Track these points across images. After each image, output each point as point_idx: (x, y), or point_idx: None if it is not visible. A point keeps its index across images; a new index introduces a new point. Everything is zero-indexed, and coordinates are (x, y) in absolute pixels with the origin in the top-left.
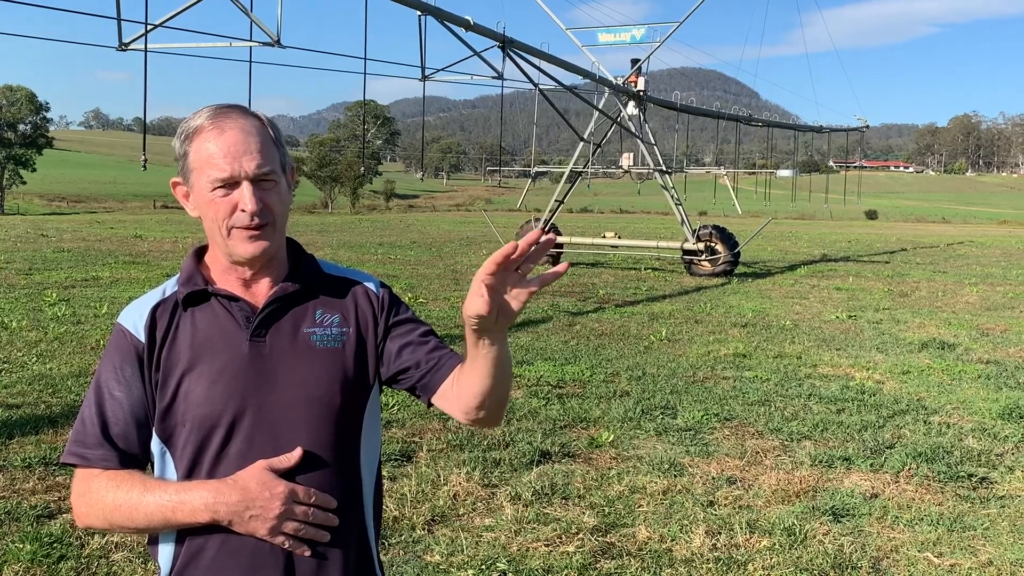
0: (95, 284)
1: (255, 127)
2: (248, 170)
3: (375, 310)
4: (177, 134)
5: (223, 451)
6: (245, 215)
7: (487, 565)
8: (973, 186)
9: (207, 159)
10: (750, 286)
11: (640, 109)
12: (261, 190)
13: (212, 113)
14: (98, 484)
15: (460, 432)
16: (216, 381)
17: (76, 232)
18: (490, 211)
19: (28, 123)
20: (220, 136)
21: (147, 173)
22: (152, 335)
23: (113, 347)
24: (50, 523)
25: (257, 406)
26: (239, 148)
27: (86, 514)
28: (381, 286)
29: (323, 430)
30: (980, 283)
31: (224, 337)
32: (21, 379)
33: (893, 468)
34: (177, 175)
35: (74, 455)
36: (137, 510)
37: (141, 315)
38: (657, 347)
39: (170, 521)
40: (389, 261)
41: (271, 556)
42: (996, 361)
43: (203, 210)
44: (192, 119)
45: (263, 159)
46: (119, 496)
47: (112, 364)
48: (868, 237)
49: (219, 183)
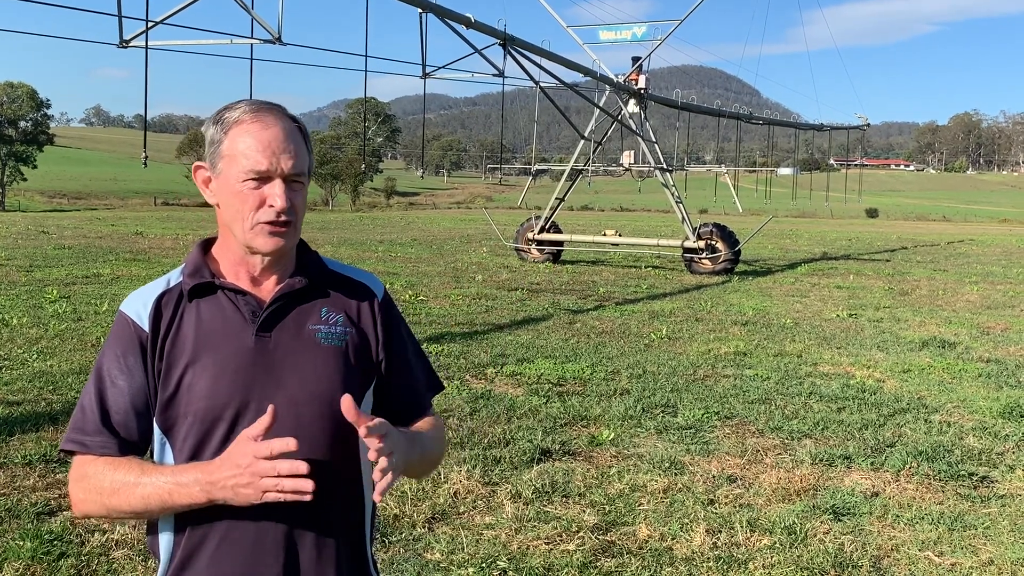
0: (96, 281)
1: (295, 129)
2: (284, 168)
3: (377, 314)
4: (213, 120)
5: (225, 444)
6: (273, 211)
7: (487, 563)
8: (974, 184)
9: (244, 150)
10: (751, 284)
11: (641, 107)
12: (291, 190)
13: (256, 107)
14: (95, 468)
15: (460, 430)
16: (221, 374)
17: (77, 229)
18: (491, 209)
19: (29, 120)
20: (263, 131)
21: (148, 170)
22: (156, 325)
23: (116, 335)
24: (50, 520)
25: (261, 401)
26: (279, 146)
27: (83, 500)
28: (384, 290)
29: (326, 427)
30: (981, 281)
31: (230, 330)
32: (22, 376)
33: (894, 467)
34: (204, 160)
35: (73, 442)
36: (134, 492)
37: (145, 304)
38: (658, 345)
39: (167, 503)
40: (390, 258)
41: (272, 548)
42: (997, 360)
43: (227, 199)
44: (232, 109)
45: (298, 160)
46: (117, 478)
47: (114, 352)
48: (869, 235)
49: (254, 175)
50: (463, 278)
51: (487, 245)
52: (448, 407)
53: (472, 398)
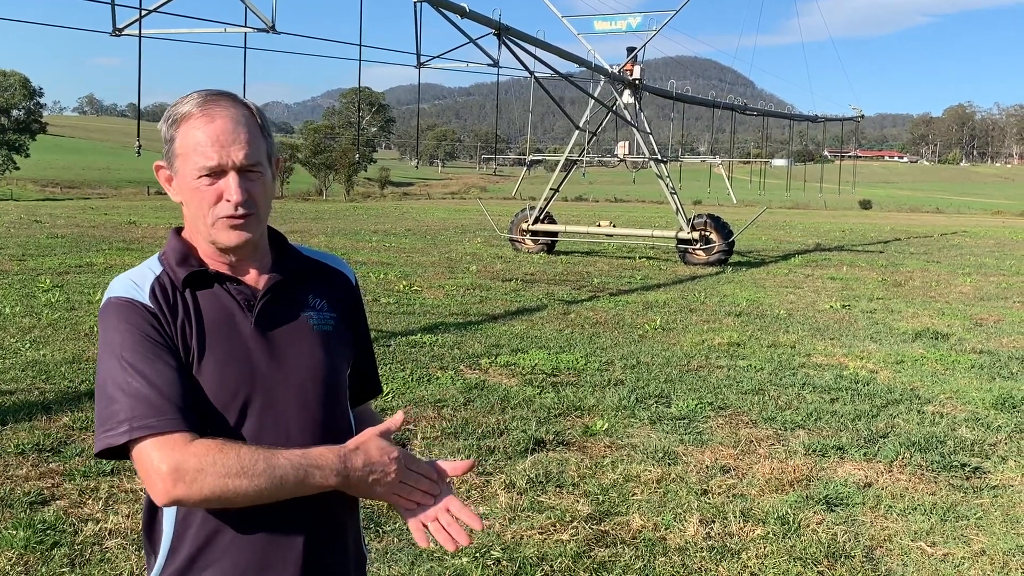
0: (89, 270)
1: (244, 116)
2: (236, 160)
3: (353, 301)
4: (164, 118)
5: (236, 433)
6: (230, 205)
7: (481, 553)
8: (967, 176)
9: (194, 146)
10: (744, 275)
11: (635, 97)
12: (247, 180)
13: (201, 100)
14: (205, 447)
15: (455, 420)
16: (226, 365)
17: (70, 218)
18: (485, 199)
19: (22, 108)
20: (209, 124)
21: (141, 159)
22: (160, 307)
23: (125, 320)
24: (43, 510)
25: (266, 388)
26: (227, 137)
27: (193, 480)
28: (354, 275)
29: (326, 410)
30: (974, 273)
31: (229, 320)
32: (14, 365)
33: (886, 457)
34: (162, 159)
35: (146, 427)
36: (273, 471)
37: (141, 288)
38: (651, 336)
39: (303, 483)
40: (384, 249)
41: (289, 534)
42: (989, 351)
43: (187, 197)
44: (180, 104)
45: (251, 150)
46: (245, 457)
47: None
48: (862, 227)
49: (206, 171)
50: (457, 268)
51: (481, 236)
52: (442, 397)
53: (466, 388)
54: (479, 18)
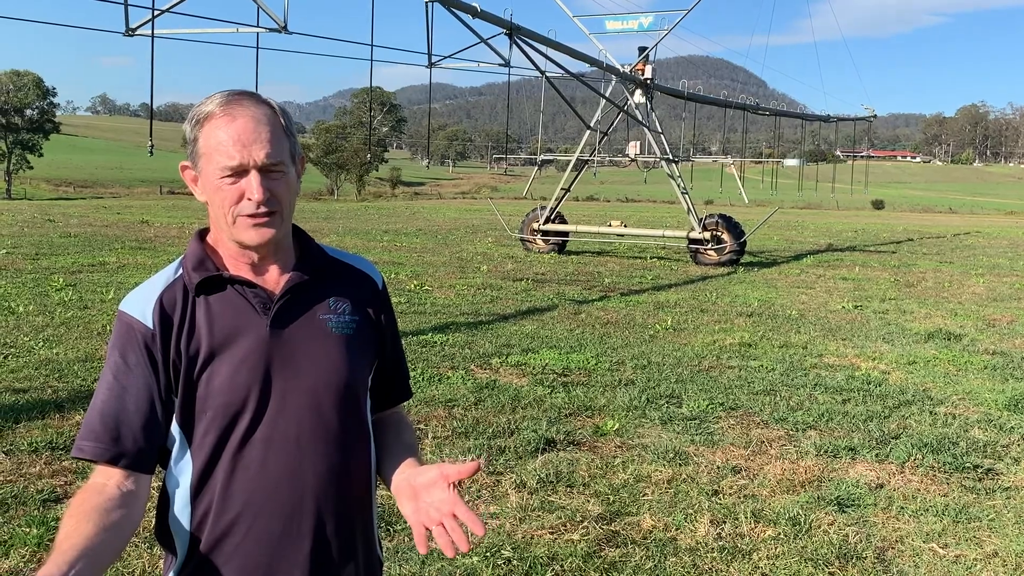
0: (102, 269)
1: (266, 115)
2: (257, 159)
3: (379, 304)
4: (188, 118)
5: (248, 437)
6: (251, 204)
7: (492, 552)
8: (980, 176)
9: (216, 146)
10: (756, 275)
11: (647, 97)
12: (269, 179)
13: (224, 99)
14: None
15: (465, 419)
16: (239, 368)
17: (83, 217)
18: (496, 199)
19: (35, 108)
20: (231, 123)
21: (153, 159)
22: (164, 322)
23: (116, 335)
24: (56, 507)
25: (280, 392)
26: (249, 136)
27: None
28: (382, 279)
29: (341, 414)
30: (987, 274)
31: (243, 324)
32: (28, 364)
33: (898, 459)
34: (186, 159)
35: (78, 450)
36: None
37: (148, 302)
38: (662, 336)
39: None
40: (395, 248)
41: (298, 532)
42: (1002, 352)
43: (210, 196)
44: (204, 104)
45: (273, 149)
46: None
47: (116, 353)
48: (874, 227)
49: (228, 171)
50: (468, 268)
51: (492, 235)
52: (453, 397)
53: (477, 388)
54: (490, 18)
